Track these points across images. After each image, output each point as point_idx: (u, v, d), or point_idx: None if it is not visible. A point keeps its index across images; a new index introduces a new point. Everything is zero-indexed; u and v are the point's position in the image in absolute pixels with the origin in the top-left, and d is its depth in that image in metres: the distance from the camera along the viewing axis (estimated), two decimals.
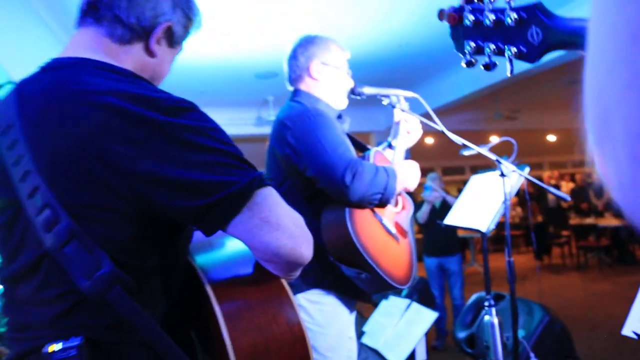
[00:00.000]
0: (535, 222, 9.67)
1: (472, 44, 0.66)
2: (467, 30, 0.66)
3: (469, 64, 0.68)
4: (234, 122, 6.39)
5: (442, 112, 6.03)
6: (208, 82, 5.52)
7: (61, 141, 0.72)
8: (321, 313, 1.57)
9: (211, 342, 0.81)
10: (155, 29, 0.86)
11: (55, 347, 0.71)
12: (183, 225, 0.82)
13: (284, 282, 0.78)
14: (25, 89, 0.80)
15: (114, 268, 0.70)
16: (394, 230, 1.65)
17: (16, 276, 0.78)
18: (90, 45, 0.84)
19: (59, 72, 0.79)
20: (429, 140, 10.24)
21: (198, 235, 0.88)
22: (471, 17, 0.64)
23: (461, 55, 0.68)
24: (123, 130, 0.71)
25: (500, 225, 2.17)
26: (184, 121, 0.73)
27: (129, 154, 0.71)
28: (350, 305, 1.66)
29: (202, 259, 0.83)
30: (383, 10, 3.93)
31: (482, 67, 0.66)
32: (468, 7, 0.65)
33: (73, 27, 0.88)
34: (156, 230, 0.77)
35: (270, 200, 0.74)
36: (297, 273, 0.78)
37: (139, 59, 0.87)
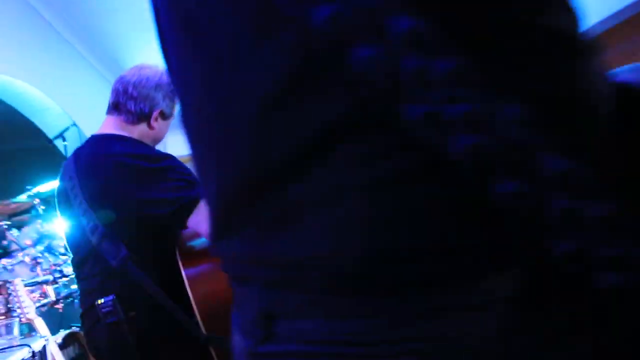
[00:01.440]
0: None
1: None
2: None
3: None
4: None
5: None
6: None
7: (96, 183, 1.26)
8: None
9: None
10: (152, 114, 1.39)
11: (100, 301, 1.24)
12: (167, 224, 1.32)
13: None
14: (80, 153, 1.37)
15: (127, 252, 1.22)
16: None
17: (80, 262, 1.33)
18: (114, 125, 1.40)
19: (96, 144, 1.36)
20: None
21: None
22: None
23: None
24: (127, 175, 1.24)
25: None
26: (161, 165, 1.25)
27: (132, 188, 1.23)
28: None
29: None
30: None
31: None
32: None
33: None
34: (151, 228, 1.28)
35: None
36: None
37: (144, 131, 1.41)
